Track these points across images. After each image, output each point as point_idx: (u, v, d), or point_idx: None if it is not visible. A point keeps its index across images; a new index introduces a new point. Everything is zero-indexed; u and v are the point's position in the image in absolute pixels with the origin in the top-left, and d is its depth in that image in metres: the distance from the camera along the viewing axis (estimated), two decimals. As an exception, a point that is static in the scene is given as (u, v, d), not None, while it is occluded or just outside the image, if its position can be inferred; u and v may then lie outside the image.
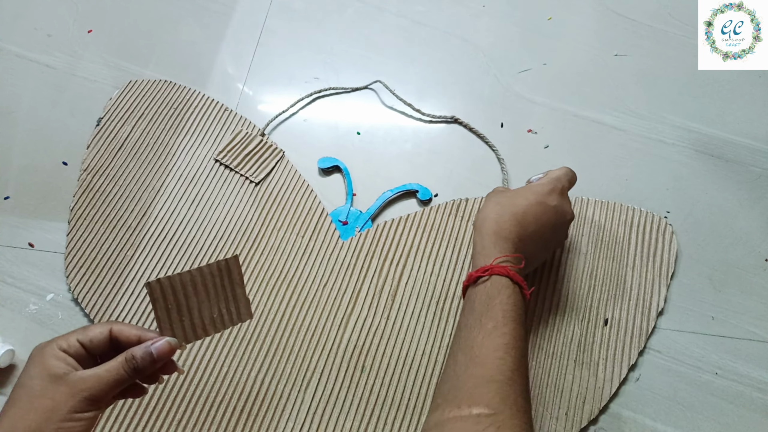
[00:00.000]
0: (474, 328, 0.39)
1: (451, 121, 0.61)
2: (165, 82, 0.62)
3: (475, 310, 0.40)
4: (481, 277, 0.41)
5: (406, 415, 0.45)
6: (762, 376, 0.47)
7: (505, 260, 0.41)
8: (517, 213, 0.43)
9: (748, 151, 0.59)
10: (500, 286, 0.40)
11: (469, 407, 0.34)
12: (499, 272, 0.40)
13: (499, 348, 0.37)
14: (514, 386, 0.36)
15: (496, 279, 0.40)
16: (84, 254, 0.52)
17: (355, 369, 0.47)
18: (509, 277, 0.40)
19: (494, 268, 0.40)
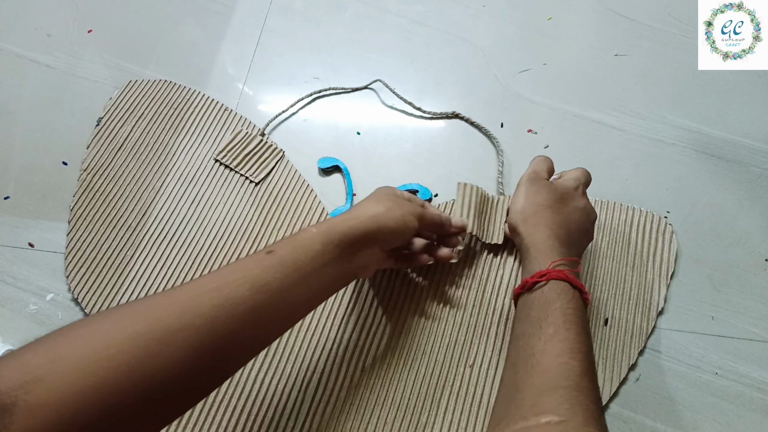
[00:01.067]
0: (533, 335, 0.37)
1: (451, 116, 0.61)
2: (165, 82, 0.62)
3: (531, 316, 0.38)
4: (537, 282, 0.39)
5: (407, 415, 0.45)
6: (762, 376, 0.47)
7: (561, 264, 0.39)
8: (562, 215, 0.43)
9: (748, 151, 0.59)
10: (559, 290, 0.38)
11: (536, 416, 0.31)
12: (556, 276, 0.38)
13: (562, 353, 0.35)
14: (583, 392, 0.33)
15: (554, 284, 0.38)
16: (84, 254, 0.52)
17: (355, 369, 0.47)
18: (568, 281, 0.38)
19: (551, 273, 0.39)
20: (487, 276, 0.51)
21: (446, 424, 0.45)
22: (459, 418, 0.45)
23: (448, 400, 0.46)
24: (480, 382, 0.46)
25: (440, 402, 0.46)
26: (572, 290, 0.38)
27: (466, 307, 0.50)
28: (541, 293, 0.39)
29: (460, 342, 0.48)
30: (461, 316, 0.49)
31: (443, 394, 0.46)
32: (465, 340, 0.48)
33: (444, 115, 0.61)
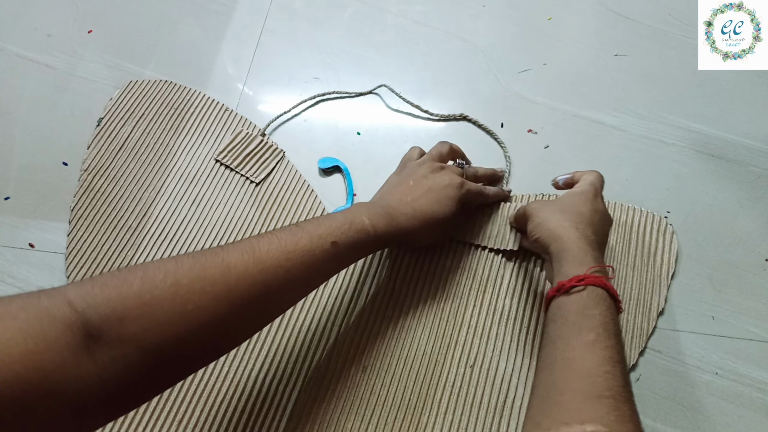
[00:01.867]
0: (571, 339, 0.36)
1: (459, 118, 0.61)
2: (165, 82, 0.62)
3: (569, 321, 0.37)
4: (575, 286, 0.38)
5: (407, 415, 0.45)
6: (762, 376, 0.47)
7: (597, 270, 0.39)
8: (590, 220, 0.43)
9: (748, 151, 0.59)
10: (597, 297, 0.37)
11: (581, 424, 0.31)
12: (594, 282, 0.38)
13: (604, 362, 0.34)
14: (626, 403, 0.33)
15: (592, 290, 0.38)
16: (84, 254, 0.52)
17: (356, 369, 0.47)
18: (606, 288, 0.38)
19: (589, 278, 0.38)
20: (488, 277, 0.51)
21: (446, 424, 0.45)
22: (459, 418, 0.45)
23: (448, 400, 0.46)
24: (480, 383, 0.46)
25: (440, 402, 0.46)
26: (610, 299, 0.38)
27: (467, 308, 0.50)
28: (579, 298, 0.38)
29: (461, 342, 0.48)
30: (462, 316, 0.49)
31: (443, 394, 0.46)
32: (465, 341, 0.48)
33: (452, 117, 0.61)
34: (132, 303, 0.31)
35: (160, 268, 0.33)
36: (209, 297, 0.33)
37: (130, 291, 0.31)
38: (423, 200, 0.46)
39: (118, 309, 0.30)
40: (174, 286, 0.32)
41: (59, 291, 0.30)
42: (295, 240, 0.38)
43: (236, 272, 0.34)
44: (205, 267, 0.34)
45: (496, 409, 0.45)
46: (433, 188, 0.46)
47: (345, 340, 0.48)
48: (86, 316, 0.29)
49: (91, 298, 0.30)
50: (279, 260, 0.36)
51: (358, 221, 0.41)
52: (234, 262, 0.35)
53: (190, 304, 0.32)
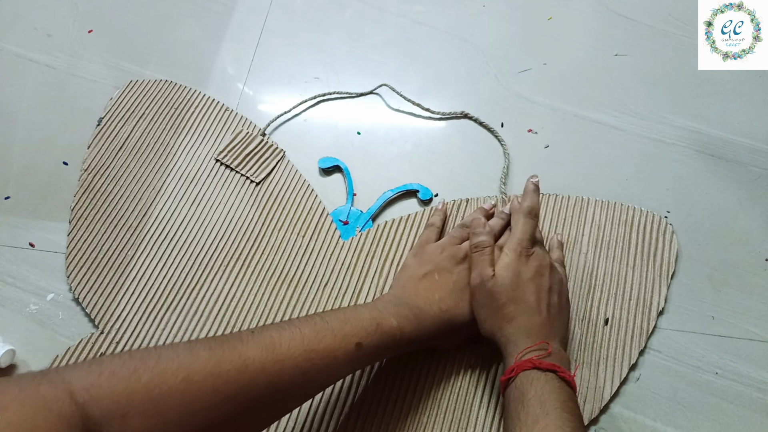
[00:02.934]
0: (514, 428, 0.36)
1: (461, 116, 0.61)
2: (165, 82, 0.62)
3: (510, 410, 0.38)
4: (510, 378, 0.39)
5: (407, 415, 0.45)
6: (762, 376, 0.48)
7: (529, 351, 0.39)
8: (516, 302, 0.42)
9: (748, 151, 0.59)
10: (530, 379, 0.38)
11: None
12: (524, 367, 0.38)
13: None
14: None
15: (524, 375, 0.38)
16: (85, 254, 0.52)
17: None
18: (537, 367, 0.38)
19: (518, 366, 0.39)
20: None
21: (446, 424, 0.45)
22: (459, 418, 0.45)
23: (448, 400, 0.46)
24: (480, 383, 0.46)
25: (440, 402, 0.46)
26: (543, 374, 0.38)
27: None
28: (515, 387, 0.38)
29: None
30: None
31: (444, 394, 0.46)
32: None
33: (453, 115, 0.61)
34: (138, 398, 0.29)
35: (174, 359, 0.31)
36: (221, 397, 0.31)
37: (138, 384, 0.29)
38: (449, 300, 0.44)
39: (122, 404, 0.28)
40: (185, 382, 0.30)
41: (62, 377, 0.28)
42: (318, 338, 0.36)
43: (253, 370, 0.33)
44: (221, 362, 0.32)
45: (496, 409, 0.45)
46: (458, 284, 0.45)
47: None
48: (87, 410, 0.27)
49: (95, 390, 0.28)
50: (299, 360, 0.34)
51: (386, 324, 0.39)
52: (252, 358, 0.33)
53: (199, 404, 0.30)
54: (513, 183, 0.57)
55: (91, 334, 0.49)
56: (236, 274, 0.52)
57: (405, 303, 0.43)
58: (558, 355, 0.40)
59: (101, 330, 0.49)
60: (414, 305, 0.43)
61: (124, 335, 0.49)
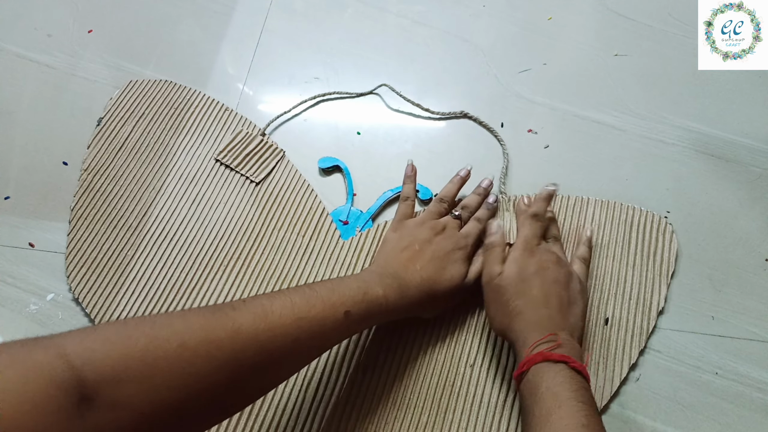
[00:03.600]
0: (530, 424, 0.37)
1: (460, 116, 0.61)
2: (165, 82, 0.62)
3: (525, 406, 0.38)
4: (523, 373, 0.39)
5: (407, 415, 0.45)
6: (762, 376, 0.47)
7: (539, 344, 0.40)
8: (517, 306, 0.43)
9: (748, 151, 0.59)
10: (541, 372, 0.38)
11: None
12: (534, 361, 0.39)
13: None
14: None
15: (535, 368, 0.39)
16: (84, 254, 0.52)
17: (356, 370, 0.47)
18: (547, 360, 0.38)
19: (528, 360, 0.39)
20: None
21: (446, 424, 0.45)
22: (459, 417, 0.45)
23: (448, 399, 0.46)
24: (480, 382, 0.46)
25: (440, 402, 0.46)
26: (555, 366, 0.38)
27: (467, 307, 0.50)
28: (527, 382, 0.39)
29: (461, 342, 0.48)
30: (462, 316, 0.49)
31: (443, 393, 0.46)
32: (465, 340, 0.48)
33: (453, 115, 0.61)
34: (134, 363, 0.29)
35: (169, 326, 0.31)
36: (215, 363, 0.32)
37: (134, 349, 0.29)
38: (430, 268, 0.45)
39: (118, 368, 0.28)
40: (180, 348, 0.30)
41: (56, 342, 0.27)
42: (308, 306, 0.37)
43: (245, 337, 0.33)
44: (214, 329, 0.32)
45: (496, 408, 0.45)
46: (437, 254, 0.46)
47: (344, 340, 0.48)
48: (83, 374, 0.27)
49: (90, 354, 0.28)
50: (289, 328, 0.35)
51: (372, 292, 0.40)
52: (244, 325, 0.33)
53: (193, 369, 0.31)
54: (512, 183, 0.57)
55: (91, 334, 0.49)
56: (236, 274, 0.52)
57: (388, 273, 0.44)
58: (568, 346, 0.40)
59: (101, 330, 0.49)
60: (397, 275, 0.44)
61: (124, 335, 0.49)
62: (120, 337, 0.29)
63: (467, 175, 0.53)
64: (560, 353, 0.39)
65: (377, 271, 0.44)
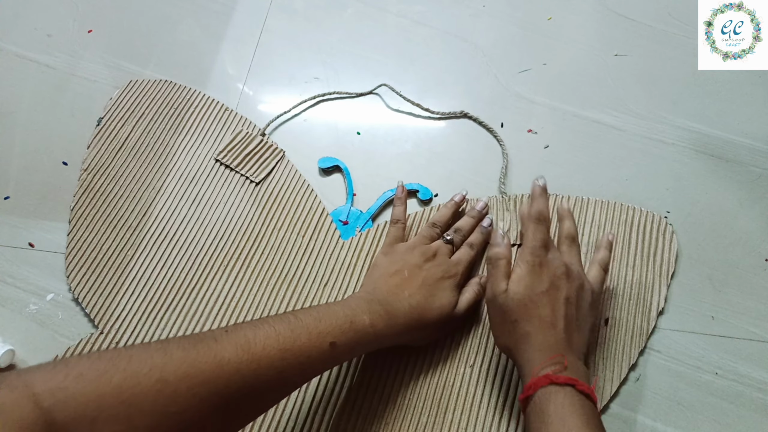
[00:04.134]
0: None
1: (460, 115, 0.61)
2: (165, 82, 0.62)
3: (532, 429, 0.37)
4: (528, 398, 0.38)
5: (407, 416, 0.45)
6: (762, 376, 0.47)
7: (545, 367, 0.38)
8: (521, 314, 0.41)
9: (748, 151, 0.59)
10: (547, 396, 0.37)
11: None
12: (541, 384, 0.37)
13: None
14: None
15: (542, 392, 0.37)
16: (84, 254, 0.52)
17: (355, 370, 0.47)
18: (553, 383, 0.37)
19: (534, 383, 0.38)
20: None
21: (446, 424, 0.45)
22: (459, 418, 0.45)
23: (448, 400, 0.46)
24: (480, 382, 0.46)
25: (440, 402, 0.46)
26: (561, 389, 0.37)
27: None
28: (534, 405, 0.37)
29: (460, 342, 0.48)
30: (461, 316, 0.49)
31: (443, 394, 0.46)
32: (465, 340, 0.48)
33: (453, 114, 0.61)
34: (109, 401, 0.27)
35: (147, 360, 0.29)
36: (197, 398, 0.30)
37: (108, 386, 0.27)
38: (419, 296, 0.44)
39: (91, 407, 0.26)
40: (159, 383, 0.29)
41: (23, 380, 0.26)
42: (293, 337, 0.36)
43: (228, 371, 0.32)
44: (196, 363, 0.31)
45: (496, 409, 0.45)
46: (427, 281, 0.45)
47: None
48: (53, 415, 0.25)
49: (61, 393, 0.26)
50: (274, 359, 0.34)
51: (359, 321, 0.39)
52: (227, 358, 0.32)
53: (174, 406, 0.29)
54: (512, 183, 0.57)
55: (91, 335, 0.49)
56: (236, 274, 0.52)
57: (376, 300, 0.43)
58: (575, 368, 0.38)
59: (101, 330, 0.49)
60: (385, 302, 0.43)
61: (123, 335, 0.49)
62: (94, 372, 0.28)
63: (462, 200, 0.53)
64: (567, 376, 0.37)
65: (365, 297, 0.43)
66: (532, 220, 0.43)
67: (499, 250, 0.44)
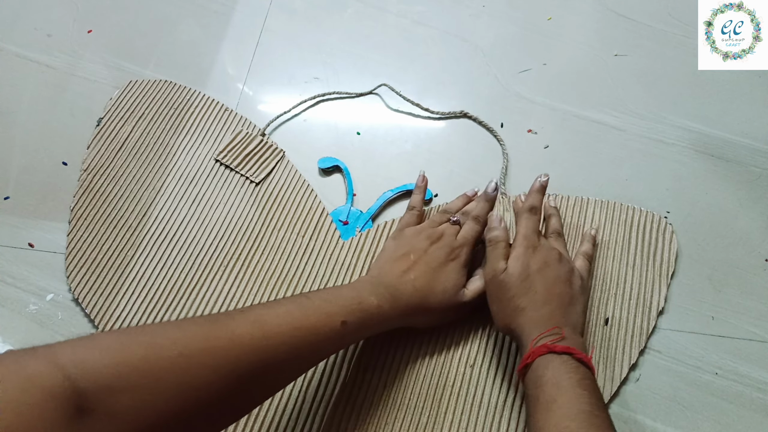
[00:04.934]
0: (532, 415, 0.38)
1: (460, 115, 0.61)
2: (165, 82, 0.62)
3: (530, 396, 0.39)
4: (527, 366, 0.40)
5: (407, 416, 0.45)
6: (762, 376, 0.47)
7: (543, 337, 0.40)
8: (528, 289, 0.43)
9: (748, 151, 0.59)
10: (545, 363, 0.39)
11: None
12: (539, 353, 0.39)
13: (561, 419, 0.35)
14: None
15: (539, 360, 0.39)
16: (84, 254, 0.52)
17: (356, 370, 0.47)
18: (550, 351, 0.39)
19: (533, 352, 0.39)
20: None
21: (446, 425, 0.45)
22: (459, 418, 0.45)
23: (448, 400, 0.46)
24: (480, 382, 0.46)
25: (440, 402, 0.46)
26: (558, 357, 0.38)
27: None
28: (531, 373, 0.39)
29: (461, 342, 0.48)
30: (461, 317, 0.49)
31: (443, 394, 0.46)
32: (465, 340, 0.48)
33: (453, 114, 0.61)
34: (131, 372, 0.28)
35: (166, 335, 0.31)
36: (212, 371, 0.31)
37: (134, 358, 0.29)
38: (423, 279, 0.45)
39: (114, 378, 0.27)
40: (179, 357, 0.30)
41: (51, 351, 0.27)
42: (305, 316, 0.37)
43: (242, 345, 0.33)
44: (212, 338, 0.32)
45: (496, 409, 0.45)
46: (431, 264, 0.46)
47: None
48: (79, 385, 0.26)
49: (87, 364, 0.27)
50: (285, 336, 0.35)
51: (366, 302, 0.41)
52: (241, 333, 0.33)
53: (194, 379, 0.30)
54: (512, 183, 0.57)
55: (91, 334, 0.49)
56: (236, 274, 0.52)
57: (381, 282, 0.44)
58: (572, 339, 0.40)
59: (101, 330, 0.49)
60: (389, 284, 0.44)
61: (123, 335, 0.49)
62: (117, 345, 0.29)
63: (474, 195, 0.53)
64: (564, 345, 0.39)
65: (371, 280, 0.44)
66: (525, 210, 0.47)
67: (498, 233, 0.47)
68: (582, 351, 0.40)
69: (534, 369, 0.39)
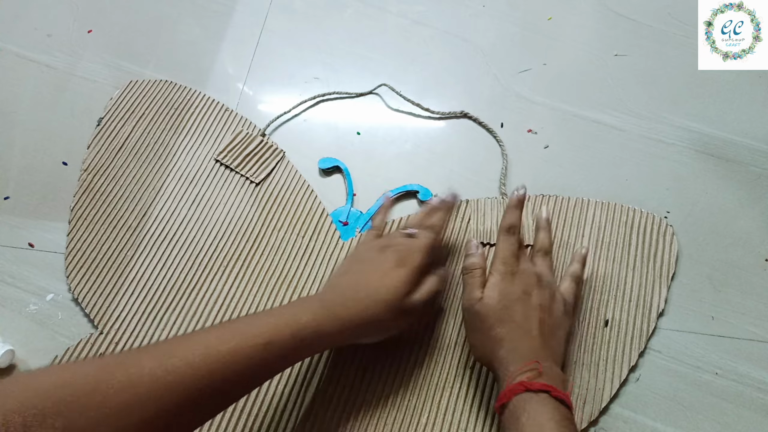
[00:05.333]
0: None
1: (460, 115, 0.61)
2: (165, 82, 0.62)
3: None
4: (503, 405, 0.38)
5: (406, 416, 0.45)
6: (762, 376, 0.47)
7: (519, 374, 0.38)
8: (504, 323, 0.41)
9: (748, 151, 0.59)
10: (523, 402, 0.37)
11: None
12: (516, 391, 0.37)
13: None
14: None
15: (516, 399, 0.37)
16: (84, 254, 0.52)
17: (356, 370, 0.47)
18: (528, 389, 0.37)
19: (509, 391, 0.38)
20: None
21: (446, 425, 0.45)
22: (459, 419, 0.45)
23: (448, 401, 0.46)
24: (480, 383, 0.46)
25: (440, 403, 0.46)
26: (536, 396, 0.37)
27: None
28: (509, 412, 0.37)
29: (460, 343, 0.48)
30: (461, 317, 0.49)
31: (443, 395, 0.46)
32: (465, 342, 0.48)
33: (453, 114, 0.61)
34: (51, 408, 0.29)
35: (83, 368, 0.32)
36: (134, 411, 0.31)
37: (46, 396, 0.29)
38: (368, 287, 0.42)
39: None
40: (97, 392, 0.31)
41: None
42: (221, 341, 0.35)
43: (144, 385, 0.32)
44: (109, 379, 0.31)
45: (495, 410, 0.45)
46: (378, 270, 0.43)
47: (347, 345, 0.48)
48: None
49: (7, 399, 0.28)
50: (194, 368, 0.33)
51: (299, 320, 0.38)
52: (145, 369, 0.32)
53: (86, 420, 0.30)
54: (512, 183, 0.57)
55: (91, 335, 0.49)
56: (236, 274, 0.52)
57: (325, 298, 0.42)
58: (550, 374, 0.38)
59: (101, 330, 0.49)
60: (332, 299, 0.41)
61: (123, 336, 0.49)
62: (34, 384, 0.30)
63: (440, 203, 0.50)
64: (542, 382, 0.37)
65: (315, 297, 0.42)
66: (503, 231, 0.45)
67: (474, 260, 0.45)
68: (560, 386, 0.38)
69: (511, 409, 0.37)
